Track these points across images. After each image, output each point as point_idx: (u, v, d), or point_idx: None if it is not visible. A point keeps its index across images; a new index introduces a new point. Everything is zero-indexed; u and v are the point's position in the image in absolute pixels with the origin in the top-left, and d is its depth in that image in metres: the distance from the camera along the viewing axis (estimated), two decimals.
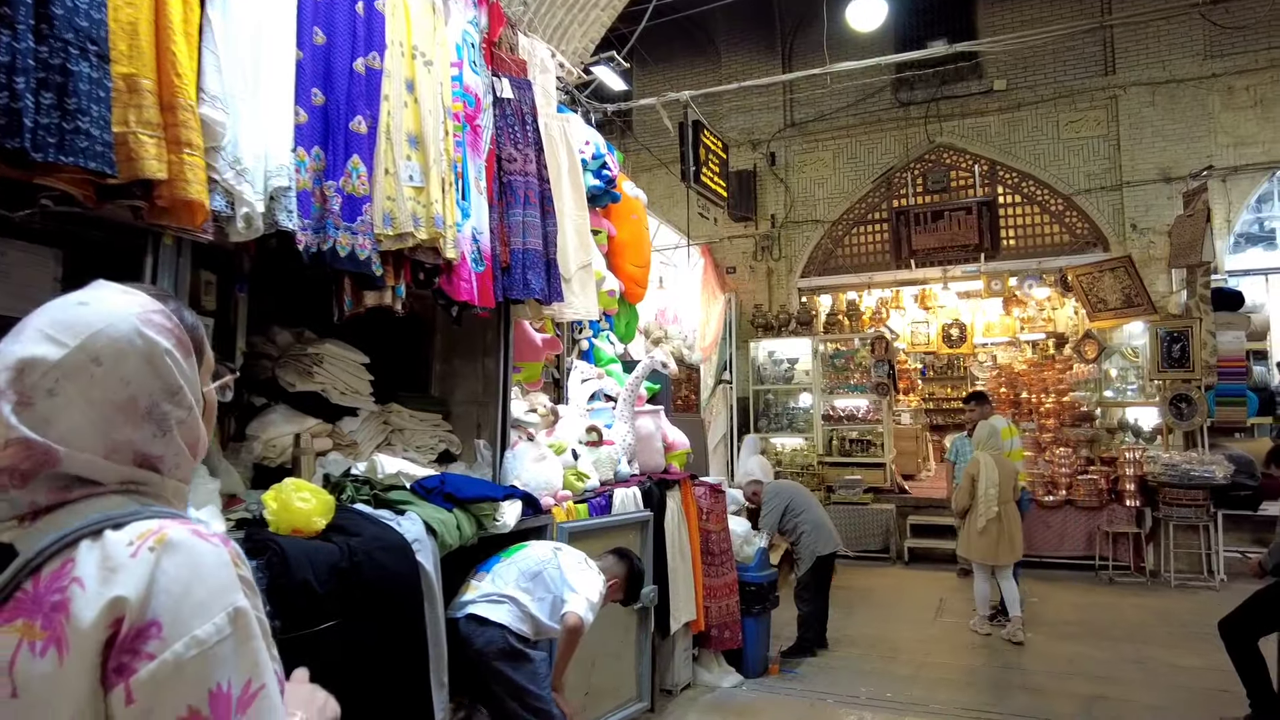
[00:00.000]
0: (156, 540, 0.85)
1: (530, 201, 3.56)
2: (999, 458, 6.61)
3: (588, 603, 2.87)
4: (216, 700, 0.82)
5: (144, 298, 0.96)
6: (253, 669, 0.87)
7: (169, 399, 0.95)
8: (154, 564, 0.83)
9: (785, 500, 6.08)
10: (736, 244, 11.71)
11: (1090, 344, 9.63)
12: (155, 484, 0.95)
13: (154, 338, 0.94)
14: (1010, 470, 6.62)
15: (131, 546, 0.84)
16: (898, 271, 10.88)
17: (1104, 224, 9.92)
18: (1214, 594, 7.78)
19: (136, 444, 0.93)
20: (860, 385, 10.44)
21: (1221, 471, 7.85)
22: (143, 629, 0.81)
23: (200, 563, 0.86)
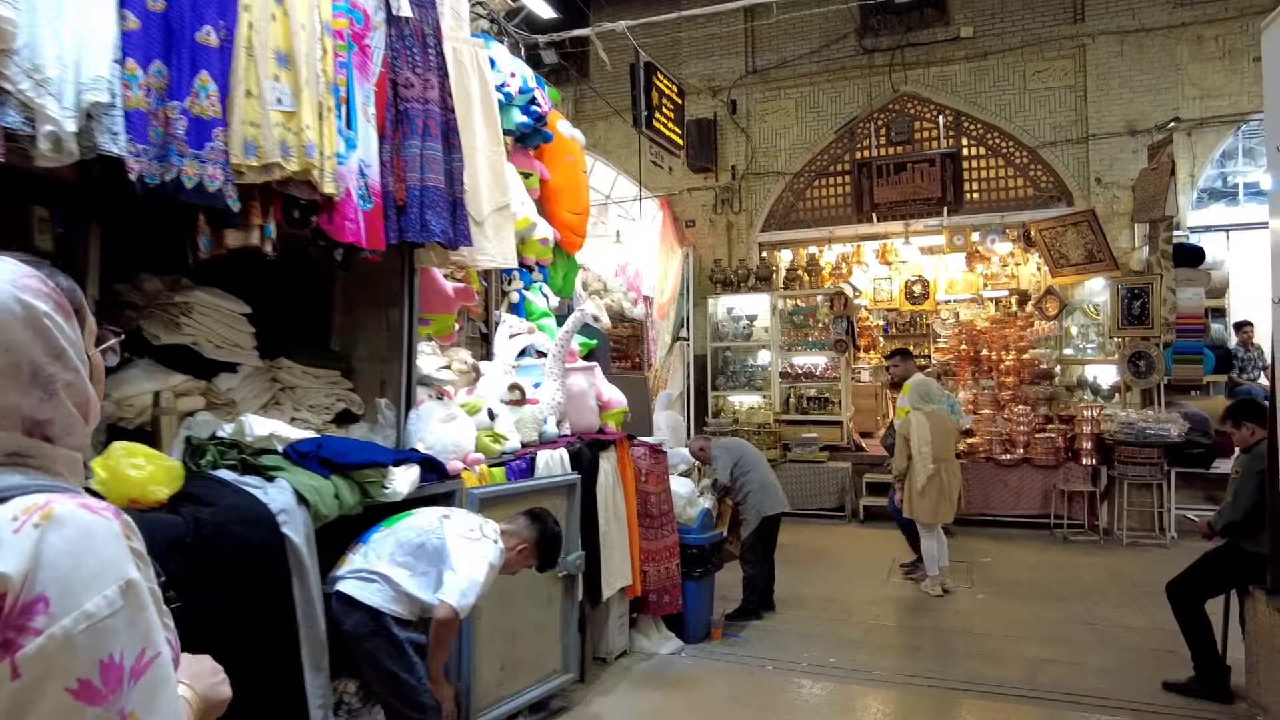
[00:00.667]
0: (42, 516, 0.84)
1: (431, 133, 3.20)
2: (933, 414, 6.48)
3: (469, 583, 2.58)
4: (108, 671, 0.82)
5: (15, 264, 0.95)
6: (145, 639, 0.87)
7: (53, 361, 0.94)
8: (38, 539, 0.82)
9: (735, 457, 5.86)
10: (696, 196, 11.34)
11: (1051, 300, 9.47)
12: (45, 455, 0.94)
13: (32, 302, 0.92)
14: (946, 426, 6.51)
15: (16, 522, 0.83)
16: (859, 225, 10.59)
17: (1069, 178, 9.69)
18: (1165, 552, 7.74)
19: (24, 409, 0.92)
20: (819, 342, 10.22)
21: (1176, 430, 7.77)
22: (28, 605, 0.80)
23: (89, 536, 0.85)
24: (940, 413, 6.60)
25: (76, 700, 0.80)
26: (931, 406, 6.58)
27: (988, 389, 9.91)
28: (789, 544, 8.07)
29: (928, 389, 6.69)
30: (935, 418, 6.48)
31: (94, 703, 0.81)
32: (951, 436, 6.52)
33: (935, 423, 6.43)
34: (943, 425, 6.50)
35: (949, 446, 6.49)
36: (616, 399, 4.71)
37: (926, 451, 6.28)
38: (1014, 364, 9.85)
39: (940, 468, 6.33)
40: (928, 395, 6.62)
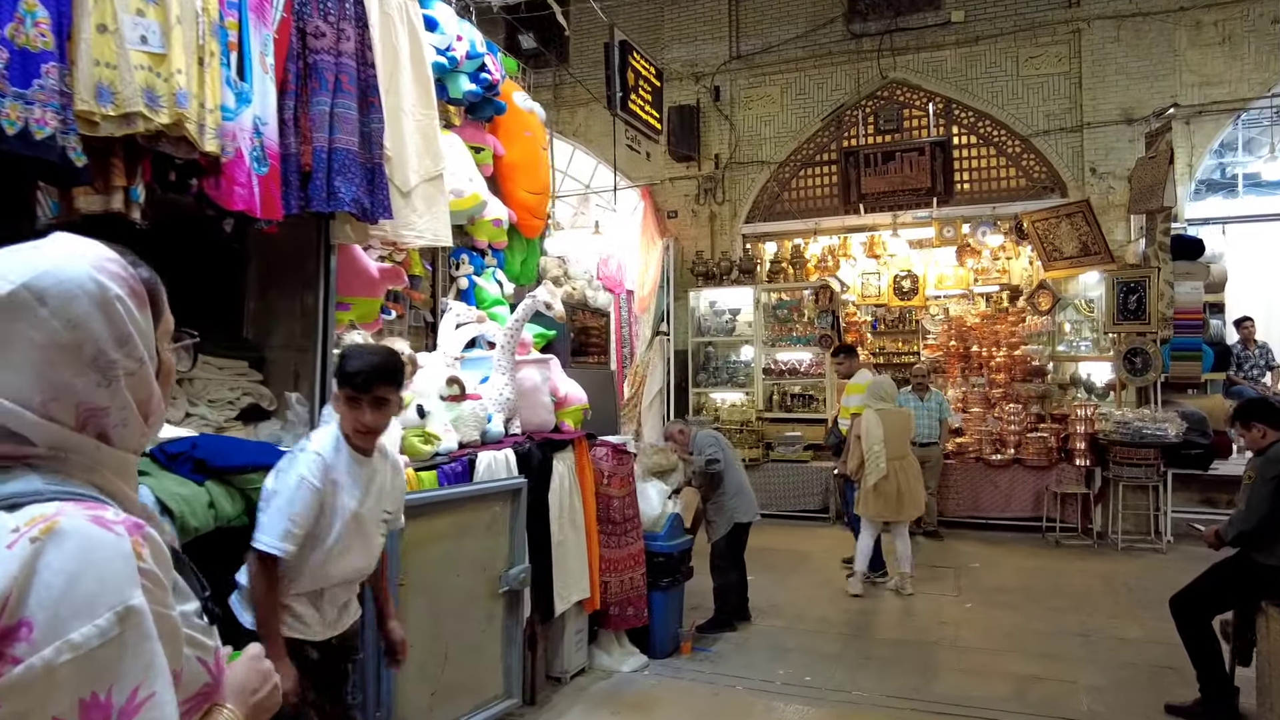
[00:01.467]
0: (44, 529, 0.76)
1: (344, 89, 2.80)
2: (886, 412, 6.29)
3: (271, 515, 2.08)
4: (89, 711, 0.73)
5: (99, 245, 0.93)
6: (144, 674, 0.77)
7: (117, 347, 0.90)
8: (32, 556, 0.74)
9: (718, 447, 5.48)
10: (678, 186, 10.95)
11: (1044, 295, 9.13)
12: (89, 454, 0.88)
13: (106, 282, 0.89)
14: (901, 424, 6.32)
15: (14, 534, 0.76)
16: (846, 217, 10.24)
17: (1062, 168, 9.34)
18: (1161, 557, 7.41)
19: (79, 392, 0.87)
20: (804, 338, 9.85)
21: (1174, 429, 7.43)
22: (10, 630, 0.72)
23: (90, 555, 0.77)
24: (894, 411, 6.42)
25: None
26: (885, 405, 6.36)
27: (978, 387, 9.57)
28: (769, 547, 7.72)
29: (881, 387, 6.48)
30: (889, 416, 6.29)
31: None
32: (907, 434, 6.31)
33: (889, 421, 6.23)
34: (897, 423, 6.30)
35: (904, 444, 6.28)
36: (575, 395, 4.32)
37: (879, 450, 6.10)
38: (1005, 361, 9.51)
39: (895, 466, 6.15)
40: (882, 393, 6.42)
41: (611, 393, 5.08)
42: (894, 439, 6.20)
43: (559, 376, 4.33)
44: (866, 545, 6.37)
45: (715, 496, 5.44)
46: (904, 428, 6.33)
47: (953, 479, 8.57)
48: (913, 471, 6.31)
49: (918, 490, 6.33)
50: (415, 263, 4.13)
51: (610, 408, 5.06)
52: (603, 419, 4.99)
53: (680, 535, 5.05)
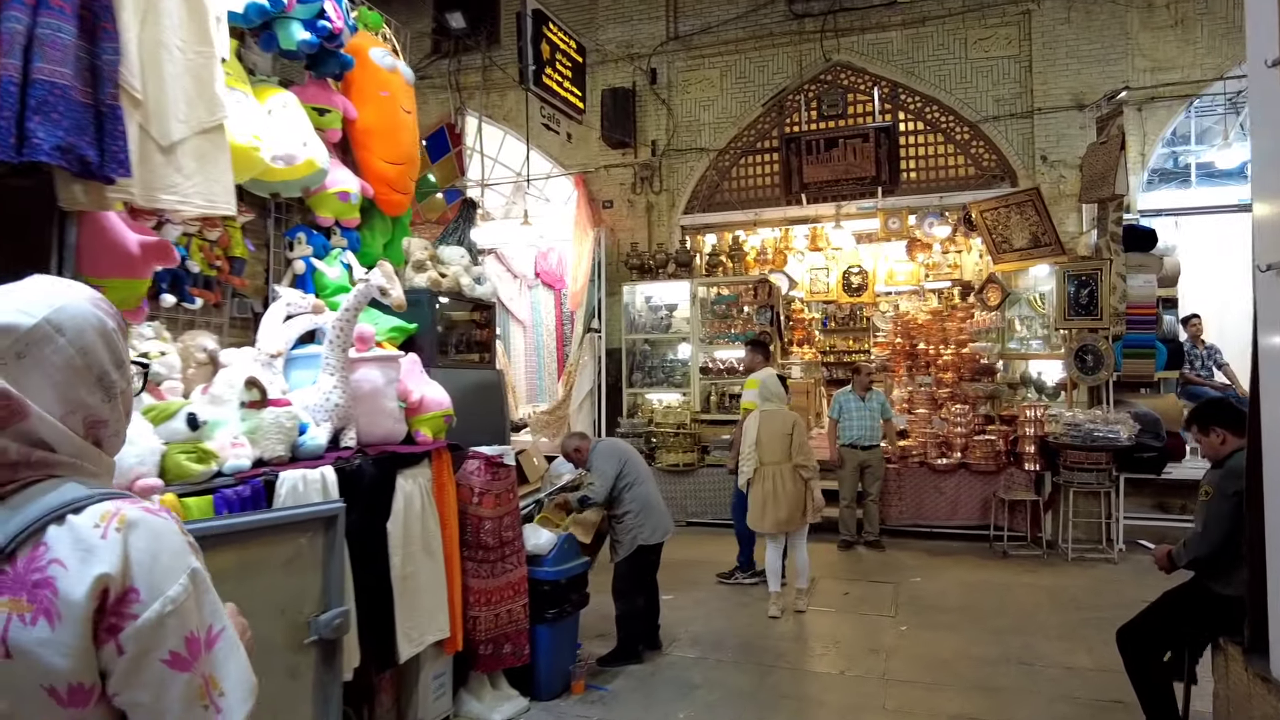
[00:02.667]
0: (119, 521, 1.00)
1: (51, 4, 2.13)
2: (769, 413, 5.91)
3: None
4: (191, 643, 1.01)
5: (83, 285, 1.14)
6: (214, 615, 1.06)
7: (116, 369, 1.12)
8: (124, 542, 0.99)
9: (618, 463, 4.87)
10: (614, 174, 10.33)
11: (993, 289, 8.66)
12: (94, 462, 1.09)
13: (103, 316, 1.11)
14: (780, 426, 5.85)
15: (99, 529, 0.99)
16: (788, 208, 9.70)
17: (1012, 155, 8.89)
18: (1112, 568, 6.96)
19: (90, 407, 1.08)
20: (743, 335, 9.27)
21: (1126, 432, 6.98)
22: (124, 596, 0.97)
23: (159, 535, 1.02)
24: (777, 412, 5.96)
25: (170, 669, 0.99)
26: (772, 405, 5.96)
27: (924, 386, 9.08)
28: (699, 560, 7.14)
29: (767, 386, 6.07)
30: (771, 418, 5.88)
31: (183, 670, 1.00)
32: (784, 439, 5.79)
33: (768, 423, 5.84)
34: (776, 426, 5.85)
35: (780, 449, 5.78)
36: (434, 399, 3.67)
37: (750, 453, 5.78)
38: (953, 359, 9.04)
39: (771, 472, 5.73)
40: (768, 393, 6.02)
41: (498, 398, 4.45)
42: (770, 442, 5.77)
43: (414, 378, 3.68)
44: (772, 561, 5.90)
45: (619, 514, 4.83)
46: (783, 431, 5.83)
47: (896, 485, 8.06)
48: (788, 480, 5.75)
49: (794, 499, 5.76)
50: (236, 242, 3.45)
51: (497, 415, 4.43)
52: (486, 427, 4.35)
53: (573, 558, 4.42)
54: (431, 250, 3.99)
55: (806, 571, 5.96)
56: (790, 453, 5.78)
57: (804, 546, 5.95)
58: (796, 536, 5.91)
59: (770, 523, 5.77)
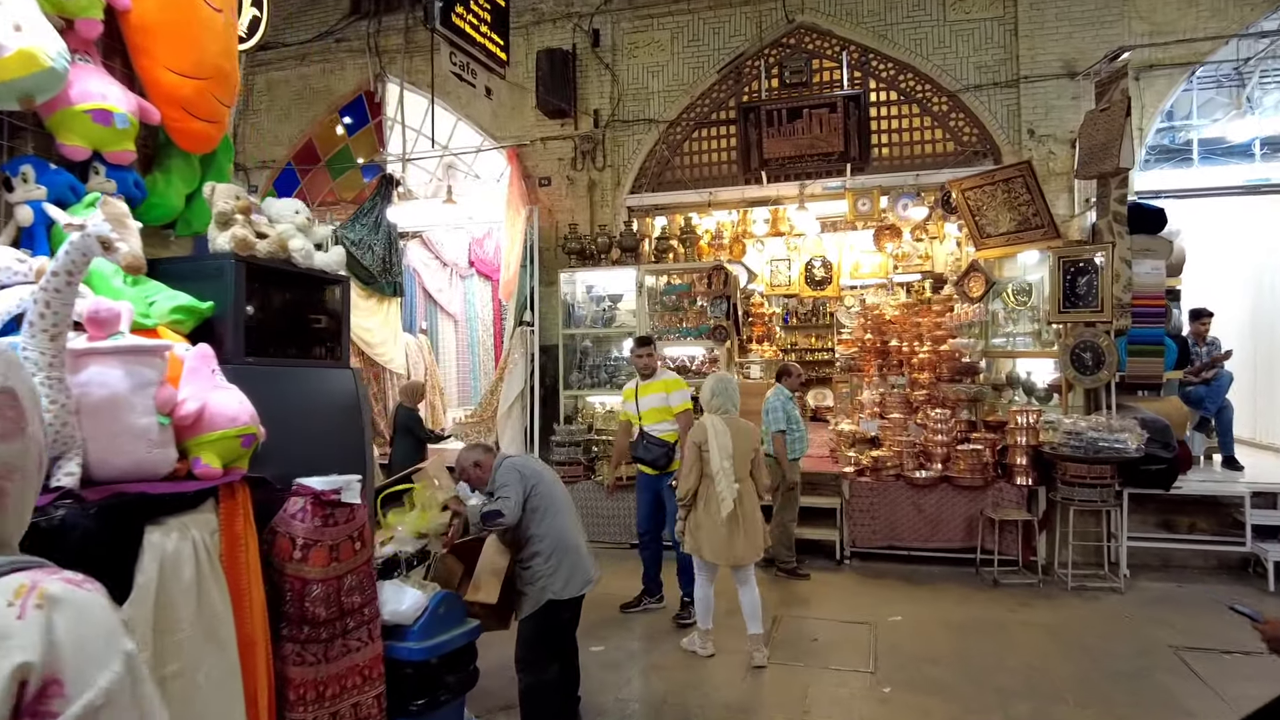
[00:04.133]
0: (39, 597, 0.86)
1: None
2: (732, 420, 4.91)
3: None
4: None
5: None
6: (150, 703, 0.91)
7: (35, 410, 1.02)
8: (45, 623, 0.85)
9: (526, 486, 3.72)
10: (551, 148, 9.15)
11: (975, 279, 7.67)
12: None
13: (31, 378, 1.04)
14: (747, 437, 4.89)
15: (14, 608, 0.85)
16: (746, 188, 8.62)
17: (996, 129, 7.92)
18: (1119, 599, 5.99)
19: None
20: (696, 329, 8.17)
21: (1135, 441, 6.03)
22: (44, 688, 0.83)
23: (86, 613, 0.89)
24: (738, 420, 4.98)
25: None
26: (729, 412, 4.96)
27: (898, 388, 8.08)
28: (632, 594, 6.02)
29: (729, 388, 5.06)
30: (736, 425, 4.88)
31: None
32: (750, 448, 4.87)
33: (737, 431, 4.83)
34: (744, 436, 4.87)
35: (746, 462, 4.84)
36: (222, 411, 2.46)
37: (729, 468, 4.69)
38: (929, 357, 8.05)
39: (740, 489, 4.74)
40: (729, 396, 5.01)
41: (355, 409, 3.26)
42: (739, 456, 4.77)
43: (197, 380, 2.48)
44: (705, 594, 4.92)
45: (524, 557, 3.67)
46: (749, 443, 4.87)
47: (868, 501, 7.02)
48: (751, 501, 4.83)
49: (758, 525, 4.84)
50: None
51: (352, 432, 3.23)
52: (336, 450, 3.14)
53: (451, 626, 3.24)
54: (245, 199, 2.79)
55: (759, 613, 4.86)
56: (751, 470, 4.75)
57: (754, 582, 4.88)
58: (745, 571, 4.85)
59: (725, 554, 4.69)
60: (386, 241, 9.50)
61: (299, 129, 10.56)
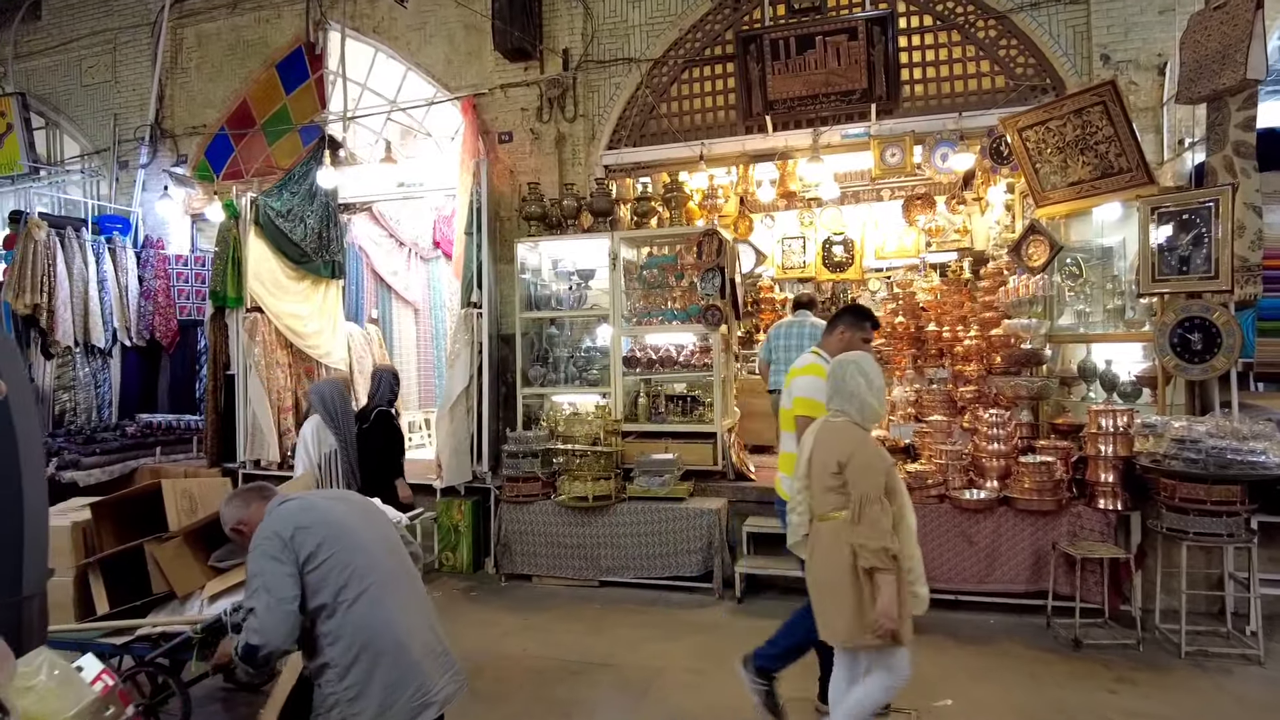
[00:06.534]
0: None
1: None
2: (834, 427, 3.18)
3: None
4: None
5: None
6: None
7: None
8: None
9: (304, 553, 2.18)
10: (513, 97, 7.61)
11: (1037, 243, 5.99)
12: None
13: None
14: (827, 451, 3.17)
15: None
16: (747, 137, 7.03)
17: (1059, 56, 6.29)
18: (1260, 674, 4.33)
19: None
20: (683, 311, 6.58)
21: (1278, 453, 4.37)
22: None
23: None
24: (842, 428, 3.16)
25: None
26: (847, 414, 3.17)
27: (937, 384, 6.45)
28: (608, 661, 4.45)
29: (849, 373, 3.19)
30: (829, 435, 3.18)
31: None
32: (832, 479, 3.11)
33: (821, 443, 3.18)
34: (826, 450, 3.15)
35: (824, 490, 3.14)
36: None
37: (800, 490, 3.22)
38: (978, 344, 6.42)
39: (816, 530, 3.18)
40: (847, 388, 3.18)
41: None
42: (813, 477, 3.18)
43: None
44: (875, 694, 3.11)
45: (312, 667, 2.13)
46: (830, 461, 3.11)
47: None
48: (826, 552, 3.12)
49: (844, 591, 3.08)
50: None
51: None
52: None
53: None
54: None
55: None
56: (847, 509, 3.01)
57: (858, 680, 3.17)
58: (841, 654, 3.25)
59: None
60: (323, 213, 8.02)
61: (232, 88, 9.13)
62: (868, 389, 3.12)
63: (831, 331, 3.89)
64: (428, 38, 8.05)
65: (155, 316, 8.79)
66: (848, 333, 3.83)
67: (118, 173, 9.55)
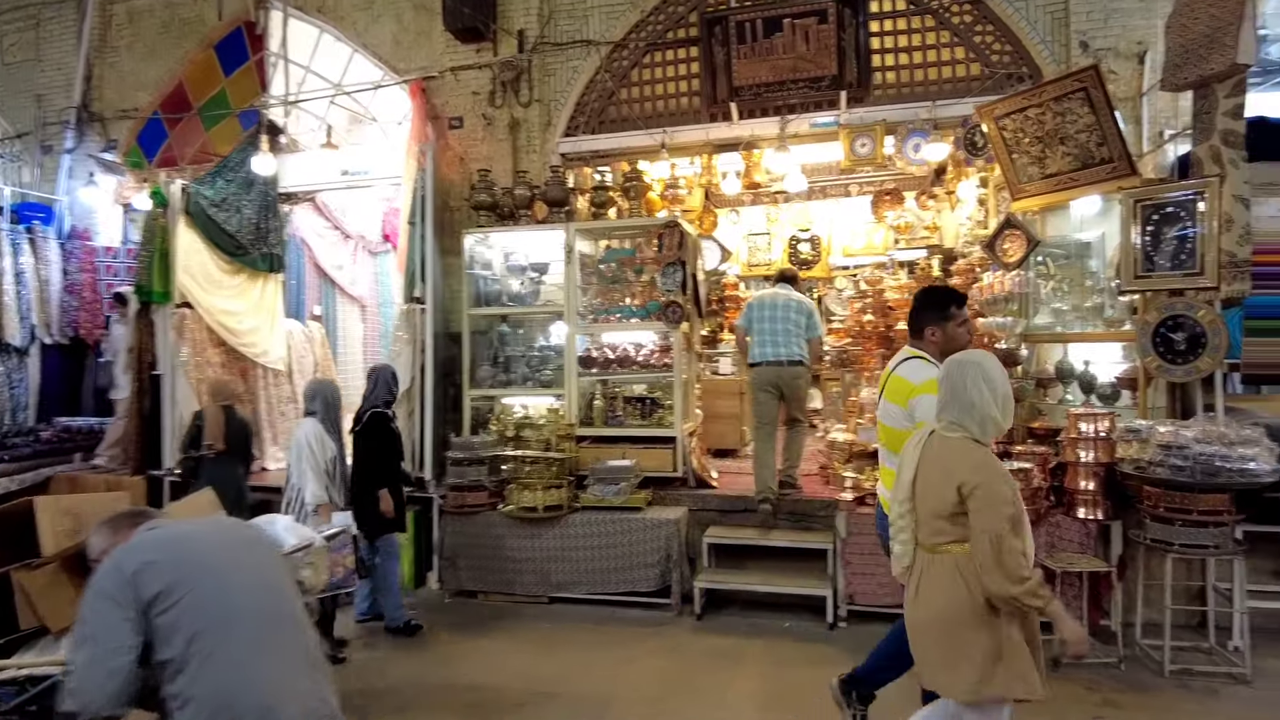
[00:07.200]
0: None
1: None
2: (951, 444, 2.67)
3: None
4: None
5: None
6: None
7: None
8: None
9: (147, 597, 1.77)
10: (464, 80, 7.18)
11: (1013, 238, 5.71)
12: None
13: None
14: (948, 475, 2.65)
15: None
16: (711, 125, 6.67)
17: (1036, 44, 6.02)
18: (1249, 693, 4.07)
19: None
20: (642, 308, 6.21)
21: (1268, 460, 4.11)
22: None
23: None
24: (961, 445, 2.65)
25: None
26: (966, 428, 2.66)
27: None
28: (544, 689, 4.04)
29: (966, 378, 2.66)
30: (947, 452, 2.69)
31: None
32: (951, 507, 2.63)
33: (935, 460, 2.72)
34: (946, 474, 2.67)
35: (941, 520, 2.68)
36: None
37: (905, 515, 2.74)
38: None
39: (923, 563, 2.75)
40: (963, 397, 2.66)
41: None
42: (926, 503, 2.73)
43: None
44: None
45: None
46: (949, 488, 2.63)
47: (872, 541, 5.07)
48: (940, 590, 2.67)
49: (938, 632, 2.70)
50: None
51: None
52: None
53: None
54: None
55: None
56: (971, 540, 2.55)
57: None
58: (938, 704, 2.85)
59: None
60: (262, 203, 7.52)
61: (166, 70, 8.57)
62: (992, 399, 2.56)
63: (920, 335, 3.29)
64: (375, 17, 7.59)
65: (80, 313, 8.20)
66: (936, 330, 3.23)
67: (41, 158, 8.92)
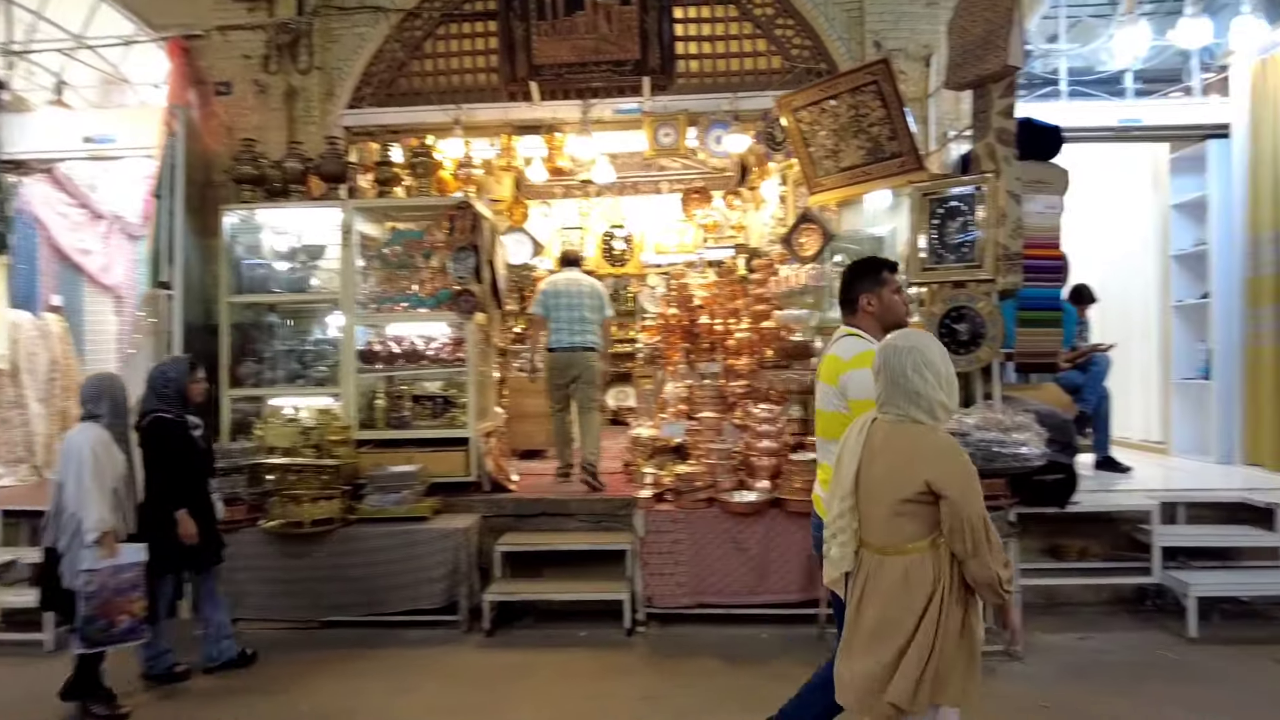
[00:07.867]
0: None
1: None
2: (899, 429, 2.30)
3: None
4: None
5: None
6: None
7: None
8: None
9: None
10: (235, 42, 6.34)
11: (809, 232, 5.72)
12: None
13: None
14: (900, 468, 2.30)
15: None
16: (510, 106, 6.28)
17: (834, 40, 6.10)
18: (1023, 670, 4.17)
19: None
20: (431, 298, 5.68)
21: (1037, 445, 4.25)
22: None
23: None
24: (909, 431, 2.29)
25: None
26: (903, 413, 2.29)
27: (709, 379, 6.02)
28: None
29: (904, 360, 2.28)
30: (897, 440, 2.31)
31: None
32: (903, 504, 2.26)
33: (882, 452, 2.34)
34: (897, 467, 2.31)
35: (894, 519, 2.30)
36: None
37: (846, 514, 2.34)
38: (749, 336, 6.07)
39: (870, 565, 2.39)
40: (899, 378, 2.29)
41: None
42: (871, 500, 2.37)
43: None
44: None
45: None
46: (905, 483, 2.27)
47: (671, 539, 4.85)
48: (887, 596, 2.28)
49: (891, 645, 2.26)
50: None
51: None
52: None
53: None
54: None
55: None
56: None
57: None
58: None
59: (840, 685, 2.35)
60: None
61: None
62: (936, 384, 2.23)
63: (853, 307, 2.97)
64: None
65: None
66: (873, 299, 2.91)
67: None
